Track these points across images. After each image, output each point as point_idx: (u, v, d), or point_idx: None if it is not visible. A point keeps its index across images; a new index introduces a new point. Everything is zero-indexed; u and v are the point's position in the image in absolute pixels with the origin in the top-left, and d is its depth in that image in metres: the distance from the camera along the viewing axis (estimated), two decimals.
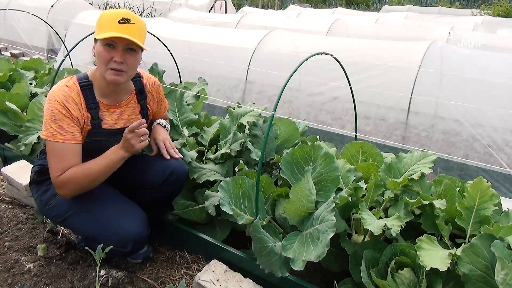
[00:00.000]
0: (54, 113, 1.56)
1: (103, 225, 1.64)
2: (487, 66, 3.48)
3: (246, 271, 1.67)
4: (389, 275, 1.44)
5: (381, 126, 3.56)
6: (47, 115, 1.57)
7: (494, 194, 1.62)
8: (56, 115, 1.56)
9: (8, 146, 2.73)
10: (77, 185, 1.59)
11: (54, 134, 1.56)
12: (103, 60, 1.57)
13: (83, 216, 1.67)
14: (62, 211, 1.69)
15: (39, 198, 1.77)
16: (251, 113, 2.43)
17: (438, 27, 6.80)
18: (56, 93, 1.58)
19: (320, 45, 4.43)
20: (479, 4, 17.84)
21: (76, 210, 1.68)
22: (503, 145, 3.07)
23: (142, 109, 1.85)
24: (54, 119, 1.56)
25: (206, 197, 1.86)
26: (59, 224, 1.81)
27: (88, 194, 1.69)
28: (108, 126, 1.71)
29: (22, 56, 6.67)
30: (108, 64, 1.57)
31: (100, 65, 1.60)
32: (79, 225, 1.70)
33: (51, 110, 1.56)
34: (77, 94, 1.61)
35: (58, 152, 1.57)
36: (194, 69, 4.62)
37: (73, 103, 1.59)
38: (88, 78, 1.66)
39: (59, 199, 1.70)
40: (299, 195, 1.59)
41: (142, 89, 1.84)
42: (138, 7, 11.50)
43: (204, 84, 2.98)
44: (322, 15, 10.88)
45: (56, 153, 1.57)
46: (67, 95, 1.58)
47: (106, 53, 1.56)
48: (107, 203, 1.70)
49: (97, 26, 1.59)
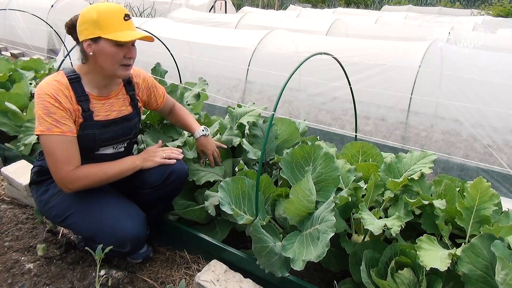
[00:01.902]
0: (47, 106, 1.53)
1: (101, 226, 1.63)
2: (487, 66, 3.48)
3: (246, 271, 1.67)
4: (389, 275, 1.44)
5: (381, 126, 3.56)
6: (39, 110, 1.53)
7: (494, 194, 1.62)
8: (49, 108, 1.53)
9: (8, 146, 2.73)
10: (89, 183, 1.61)
11: (50, 128, 1.53)
12: (116, 59, 1.59)
13: (82, 216, 1.67)
14: (61, 211, 1.69)
15: (38, 199, 1.77)
16: (251, 113, 2.43)
17: (438, 27, 6.81)
18: (45, 87, 1.56)
19: (320, 45, 4.43)
20: (479, 4, 17.85)
21: (75, 210, 1.68)
22: (503, 145, 3.07)
23: (132, 100, 1.84)
24: (48, 113, 1.53)
25: (206, 197, 1.86)
26: (59, 224, 1.81)
27: (87, 193, 1.68)
28: (100, 118, 1.70)
29: (22, 56, 6.67)
30: (121, 61, 1.61)
31: (109, 64, 1.60)
32: (78, 225, 1.69)
33: (43, 104, 1.53)
34: (66, 87, 1.59)
35: (59, 146, 1.55)
36: (194, 69, 4.62)
37: (63, 95, 1.57)
38: (75, 71, 1.65)
39: (59, 199, 1.70)
40: (299, 195, 1.59)
41: (129, 80, 1.84)
42: (138, 7, 11.50)
43: (204, 84, 2.98)
44: (322, 15, 10.89)
45: (57, 147, 1.55)
46: (56, 88, 1.56)
47: (118, 52, 1.58)
48: (106, 204, 1.70)
49: (100, 25, 1.55)
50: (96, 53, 1.58)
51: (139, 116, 1.91)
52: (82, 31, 1.57)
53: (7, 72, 3.26)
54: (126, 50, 1.60)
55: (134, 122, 1.84)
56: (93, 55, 1.58)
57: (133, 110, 1.84)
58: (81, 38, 1.58)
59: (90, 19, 1.54)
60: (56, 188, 1.70)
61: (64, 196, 1.69)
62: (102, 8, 1.56)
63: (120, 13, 1.57)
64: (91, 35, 1.55)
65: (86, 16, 1.55)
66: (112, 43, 1.56)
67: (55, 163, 1.56)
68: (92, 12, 1.55)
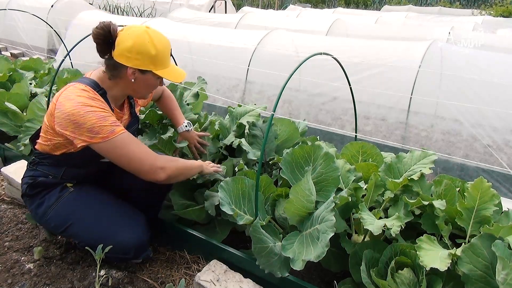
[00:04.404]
0: (99, 113, 1.49)
1: (103, 235, 1.62)
2: (487, 66, 3.48)
3: (246, 271, 1.67)
4: (389, 275, 1.44)
5: (381, 126, 3.55)
6: (90, 121, 1.46)
7: (495, 195, 1.62)
8: (101, 113, 1.49)
9: (8, 146, 2.73)
10: (174, 171, 1.64)
11: (113, 130, 1.49)
12: (153, 89, 1.71)
13: (83, 226, 1.66)
14: (60, 222, 1.67)
15: (34, 212, 1.74)
16: (251, 113, 2.43)
17: (438, 27, 6.80)
18: (85, 100, 1.50)
19: (320, 45, 4.43)
20: (479, 4, 17.84)
21: (75, 220, 1.66)
22: (503, 145, 3.07)
23: (131, 107, 1.86)
24: (103, 118, 1.48)
25: (206, 197, 1.86)
26: (60, 234, 1.80)
27: (85, 201, 1.69)
28: None
29: (22, 56, 6.66)
30: (154, 90, 1.74)
31: (144, 91, 1.69)
32: (79, 236, 1.68)
33: (93, 113, 1.47)
34: (101, 100, 1.57)
35: (131, 140, 1.54)
36: (194, 69, 4.62)
37: (103, 103, 1.56)
38: (99, 85, 1.61)
39: (54, 211, 1.67)
40: (299, 195, 1.59)
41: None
42: (138, 7, 11.50)
43: (203, 83, 2.98)
44: (322, 15, 10.88)
45: (129, 144, 1.52)
46: (95, 99, 1.54)
47: (157, 83, 1.67)
48: (106, 211, 1.69)
49: (155, 62, 1.55)
50: (138, 81, 1.60)
51: (138, 122, 1.93)
52: (132, 59, 1.53)
53: (7, 72, 3.25)
54: (160, 80, 1.67)
55: (133, 129, 1.86)
56: (134, 81, 1.59)
57: (132, 118, 1.86)
58: (127, 64, 1.54)
59: (147, 53, 1.53)
60: (51, 200, 1.68)
61: (60, 208, 1.67)
62: (159, 45, 1.56)
63: (169, 49, 1.64)
64: (143, 67, 1.56)
65: (143, 48, 1.52)
66: (157, 76, 1.60)
67: (137, 158, 1.54)
68: (150, 46, 1.53)
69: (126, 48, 1.52)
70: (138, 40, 1.52)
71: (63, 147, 1.61)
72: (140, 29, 1.56)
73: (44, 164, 1.70)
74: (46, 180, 1.70)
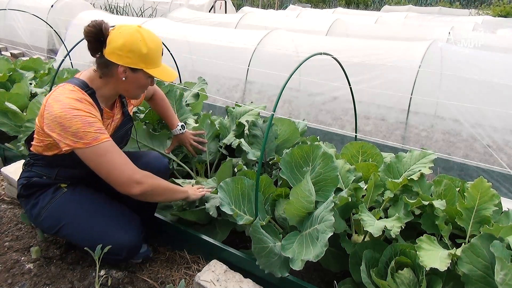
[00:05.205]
0: (85, 118, 1.47)
1: (95, 236, 1.62)
2: (487, 66, 3.48)
3: (246, 271, 1.67)
4: (389, 275, 1.44)
5: (381, 126, 3.55)
6: (75, 125, 1.45)
7: (495, 195, 1.62)
8: (88, 119, 1.48)
9: (8, 146, 2.73)
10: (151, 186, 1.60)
11: (97, 137, 1.48)
12: (144, 88, 1.69)
13: (75, 226, 1.66)
14: (54, 223, 1.67)
15: (29, 212, 1.74)
16: (251, 112, 2.43)
17: (438, 27, 6.80)
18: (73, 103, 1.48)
19: (320, 45, 4.43)
20: (479, 4, 17.84)
21: (68, 221, 1.66)
22: (503, 145, 3.07)
23: (123, 106, 1.84)
24: (88, 124, 1.47)
25: (206, 199, 1.86)
26: (54, 235, 1.80)
27: (78, 202, 1.68)
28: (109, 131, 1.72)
29: (22, 56, 6.67)
30: (145, 89, 1.72)
31: (135, 90, 1.67)
32: (73, 235, 1.68)
33: (79, 118, 1.46)
34: (90, 103, 1.56)
35: (113, 149, 1.52)
36: (194, 69, 4.62)
37: (92, 107, 1.55)
38: (88, 85, 1.60)
39: (48, 212, 1.67)
40: (299, 196, 1.59)
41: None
42: (139, 7, 11.50)
43: (203, 84, 2.98)
44: (322, 15, 10.87)
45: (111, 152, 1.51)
46: (84, 101, 1.53)
47: (148, 82, 1.67)
48: (98, 212, 1.69)
49: (146, 60, 1.55)
50: (129, 80, 1.59)
51: (131, 121, 1.91)
52: (123, 57, 1.53)
53: (7, 72, 3.25)
54: (151, 80, 1.67)
55: (126, 129, 1.85)
56: (125, 80, 1.58)
57: (125, 117, 1.85)
58: (118, 62, 1.53)
59: (138, 51, 1.52)
60: (45, 201, 1.68)
61: (53, 209, 1.67)
62: (151, 44, 1.56)
63: (161, 48, 1.63)
64: (134, 66, 1.55)
65: (134, 47, 1.52)
66: (148, 75, 1.60)
67: (115, 168, 1.52)
68: (141, 45, 1.52)
69: (117, 46, 1.51)
70: (130, 39, 1.52)
71: (54, 148, 1.60)
72: (132, 28, 1.56)
73: (38, 165, 1.71)
74: (40, 181, 1.70)
